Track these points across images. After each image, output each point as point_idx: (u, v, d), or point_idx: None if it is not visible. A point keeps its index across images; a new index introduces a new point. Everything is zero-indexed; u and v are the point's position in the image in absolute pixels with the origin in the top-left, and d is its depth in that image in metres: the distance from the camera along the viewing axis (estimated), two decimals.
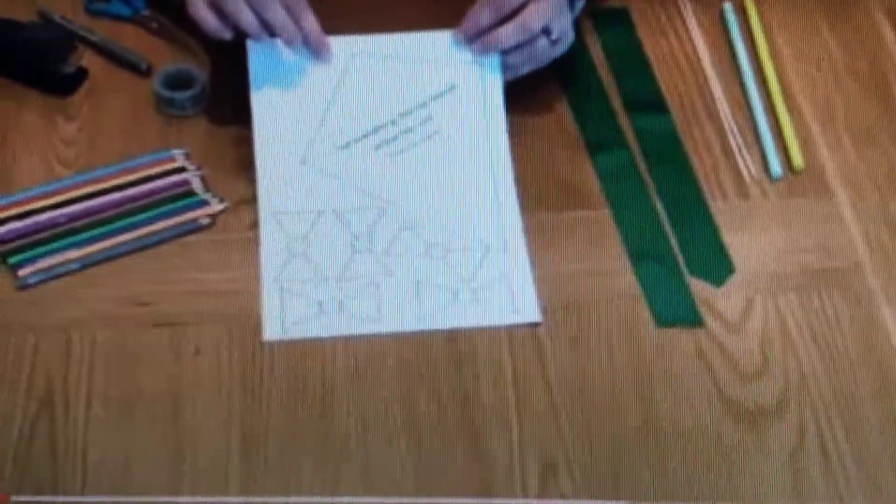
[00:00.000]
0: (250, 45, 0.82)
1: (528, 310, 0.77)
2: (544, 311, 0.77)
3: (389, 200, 0.82)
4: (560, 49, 0.84)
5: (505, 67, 0.84)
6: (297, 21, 0.81)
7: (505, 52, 0.83)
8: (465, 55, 0.84)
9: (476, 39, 0.83)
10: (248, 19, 0.79)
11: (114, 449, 0.71)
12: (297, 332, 0.76)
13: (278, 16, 0.80)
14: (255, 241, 0.80)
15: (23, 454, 0.70)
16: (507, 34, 0.82)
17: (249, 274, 0.79)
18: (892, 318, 0.78)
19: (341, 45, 0.84)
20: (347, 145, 0.83)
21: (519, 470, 0.71)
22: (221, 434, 0.71)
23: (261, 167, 0.82)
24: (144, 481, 0.70)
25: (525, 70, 0.84)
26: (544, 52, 0.83)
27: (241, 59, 0.83)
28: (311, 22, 0.81)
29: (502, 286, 0.79)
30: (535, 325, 0.77)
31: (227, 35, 0.80)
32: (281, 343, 0.76)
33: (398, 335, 0.76)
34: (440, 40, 0.85)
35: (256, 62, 0.82)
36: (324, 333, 0.76)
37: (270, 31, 0.81)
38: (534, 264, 0.80)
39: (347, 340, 0.76)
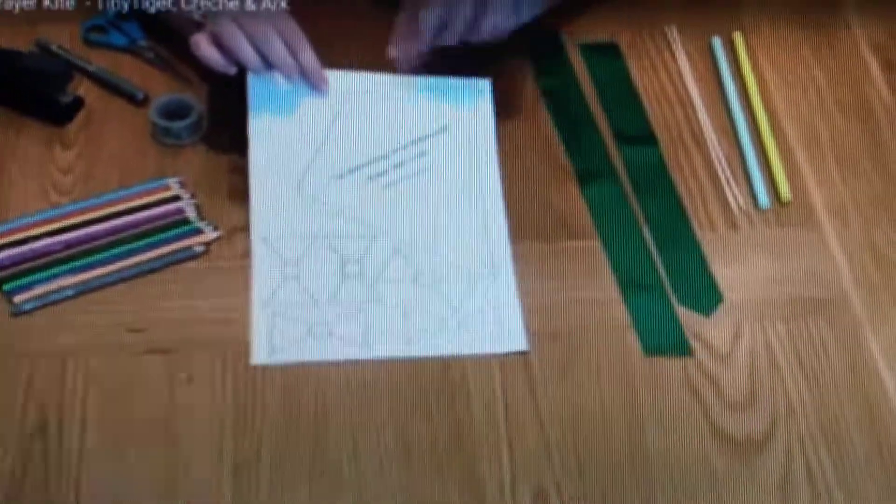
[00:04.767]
0: (251, 76, 0.83)
1: (515, 338, 0.78)
2: (535, 340, 0.78)
3: (381, 229, 0.83)
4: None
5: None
6: (296, 56, 0.82)
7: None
8: (458, 97, 0.86)
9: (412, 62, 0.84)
10: (249, 55, 0.81)
11: (107, 476, 0.71)
12: (285, 356, 0.76)
13: (278, 51, 0.81)
14: (248, 270, 0.81)
15: (17, 482, 0.70)
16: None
17: (242, 302, 0.79)
18: (878, 347, 0.79)
19: (340, 80, 0.85)
20: (341, 176, 0.84)
21: (510, 498, 0.71)
22: (214, 462, 0.72)
23: (255, 192, 0.83)
24: None
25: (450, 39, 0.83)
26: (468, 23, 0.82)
27: (238, 89, 0.84)
28: (309, 56, 0.83)
29: (490, 314, 0.79)
30: (523, 354, 0.77)
31: (232, 70, 0.82)
32: (273, 371, 0.76)
33: (390, 364, 0.77)
34: (434, 84, 0.86)
35: (256, 92, 0.83)
36: (312, 358, 0.76)
37: (270, 66, 0.82)
38: (522, 294, 0.80)
39: (339, 368, 0.76)
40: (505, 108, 0.89)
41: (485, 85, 0.88)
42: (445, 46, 0.84)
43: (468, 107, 0.86)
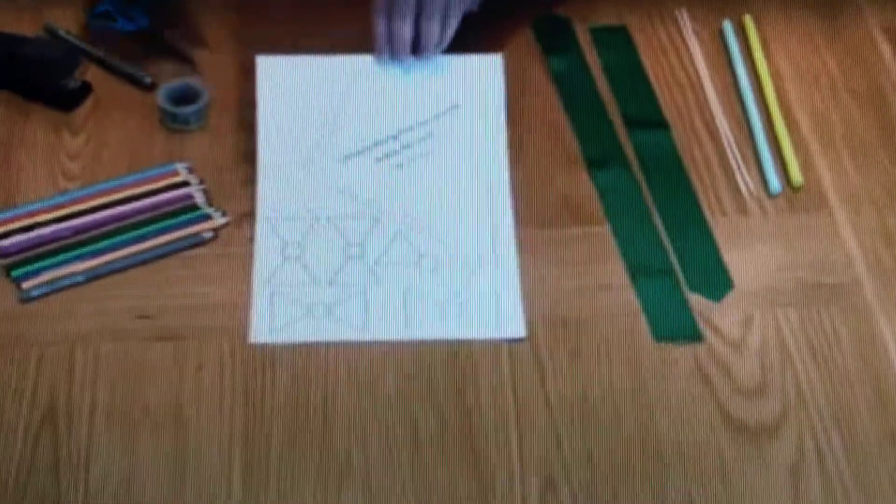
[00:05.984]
0: (259, 60, 0.83)
1: (513, 325, 0.78)
2: (544, 326, 0.78)
3: (385, 211, 0.82)
4: None
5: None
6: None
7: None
8: (467, 76, 0.85)
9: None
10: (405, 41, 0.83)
11: (116, 463, 0.71)
12: (283, 336, 0.76)
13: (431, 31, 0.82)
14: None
15: (25, 468, 0.71)
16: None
17: (251, 288, 0.79)
18: (890, 333, 0.79)
19: (350, 63, 0.85)
20: (348, 157, 0.84)
21: (519, 486, 0.71)
22: (223, 449, 0.72)
23: (261, 172, 0.82)
24: (147, 496, 0.70)
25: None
26: None
27: (244, 73, 0.84)
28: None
29: (490, 300, 0.79)
30: (532, 340, 0.77)
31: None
32: (282, 358, 0.76)
33: (398, 350, 0.77)
34: (444, 62, 0.85)
35: (264, 75, 0.83)
36: (310, 338, 0.76)
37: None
38: (531, 279, 0.80)
39: (349, 355, 0.76)
40: (514, 92, 0.88)
41: (497, 61, 0.87)
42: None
43: (480, 83, 0.85)
